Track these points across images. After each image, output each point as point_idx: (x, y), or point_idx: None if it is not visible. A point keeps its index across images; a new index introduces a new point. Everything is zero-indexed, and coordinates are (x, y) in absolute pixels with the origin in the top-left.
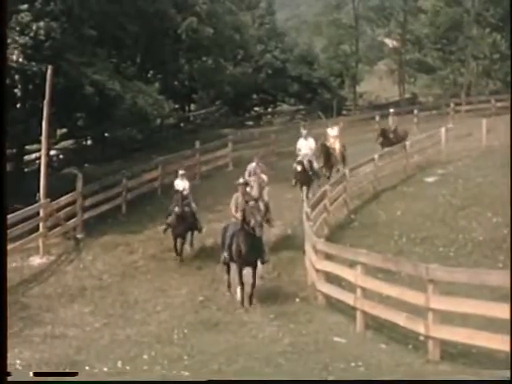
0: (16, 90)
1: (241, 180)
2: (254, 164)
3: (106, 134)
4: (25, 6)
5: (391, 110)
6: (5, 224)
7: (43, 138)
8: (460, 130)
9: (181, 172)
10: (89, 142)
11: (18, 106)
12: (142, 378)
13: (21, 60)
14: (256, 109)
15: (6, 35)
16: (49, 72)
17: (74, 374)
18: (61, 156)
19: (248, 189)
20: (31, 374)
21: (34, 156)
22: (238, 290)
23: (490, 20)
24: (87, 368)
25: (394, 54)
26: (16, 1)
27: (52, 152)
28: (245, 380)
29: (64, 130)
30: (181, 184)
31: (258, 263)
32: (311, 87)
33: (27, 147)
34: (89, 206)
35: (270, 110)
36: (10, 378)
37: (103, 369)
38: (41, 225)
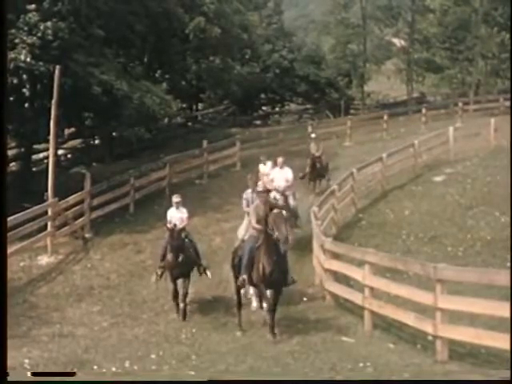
0: (24, 90)
1: (261, 188)
2: (250, 191)
3: (114, 134)
4: (32, 6)
5: (312, 135)
6: (5, 224)
7: (51, 138)
8: (468, 129)
9: (176, 199)
10: (97, 142)
11: (26, 105)
12: (149, 378)
13: (29, 60)
14: (264, 108)
15: (7, 35)
16: (57, 72)
17: (72, 374)
18: (69, 155)
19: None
20: (29, 373)
21: (42, 155)
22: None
23: (499, 19)
24: (95, 367)
25: (401, 53)
26: (24, 1)
27: (60, 151)
28: (247, 380)
29: (72, 130)
30: (177, 215)
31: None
32: (319, 87)
33: (35, 146)
34: (97, 205)
35: (277, 109)
36: (9, 378)
37: (111, 368)
38: (49, 224)
